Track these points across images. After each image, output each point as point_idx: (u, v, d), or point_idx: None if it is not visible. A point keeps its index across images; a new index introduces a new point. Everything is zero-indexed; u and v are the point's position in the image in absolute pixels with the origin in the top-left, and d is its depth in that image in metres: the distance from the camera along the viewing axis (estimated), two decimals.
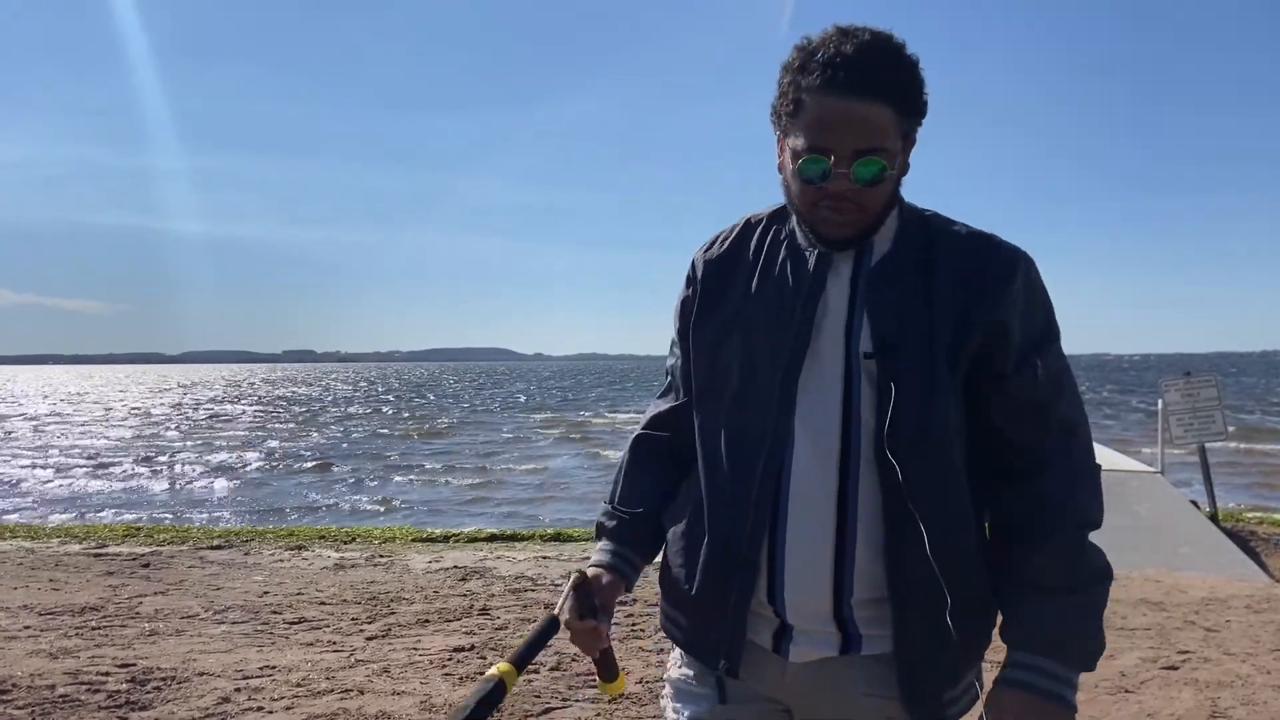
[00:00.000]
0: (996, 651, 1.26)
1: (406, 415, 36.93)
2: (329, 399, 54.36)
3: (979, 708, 1.30)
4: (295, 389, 71.41)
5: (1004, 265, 1.25)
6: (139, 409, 41.82)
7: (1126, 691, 3.88)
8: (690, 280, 1.42)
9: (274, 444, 23.90)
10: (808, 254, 1.30)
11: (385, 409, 42.05)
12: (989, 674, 1.28)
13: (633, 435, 1.54)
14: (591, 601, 1.35)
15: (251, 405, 46.01)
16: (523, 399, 52.60)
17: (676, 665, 1.43)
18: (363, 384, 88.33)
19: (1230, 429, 10.48)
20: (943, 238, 1.28)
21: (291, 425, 31.20)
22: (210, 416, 36.49)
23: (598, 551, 1.46)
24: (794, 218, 1.34)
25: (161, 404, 47.58)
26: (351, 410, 41.54)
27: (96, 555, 7.31)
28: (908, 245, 1.28)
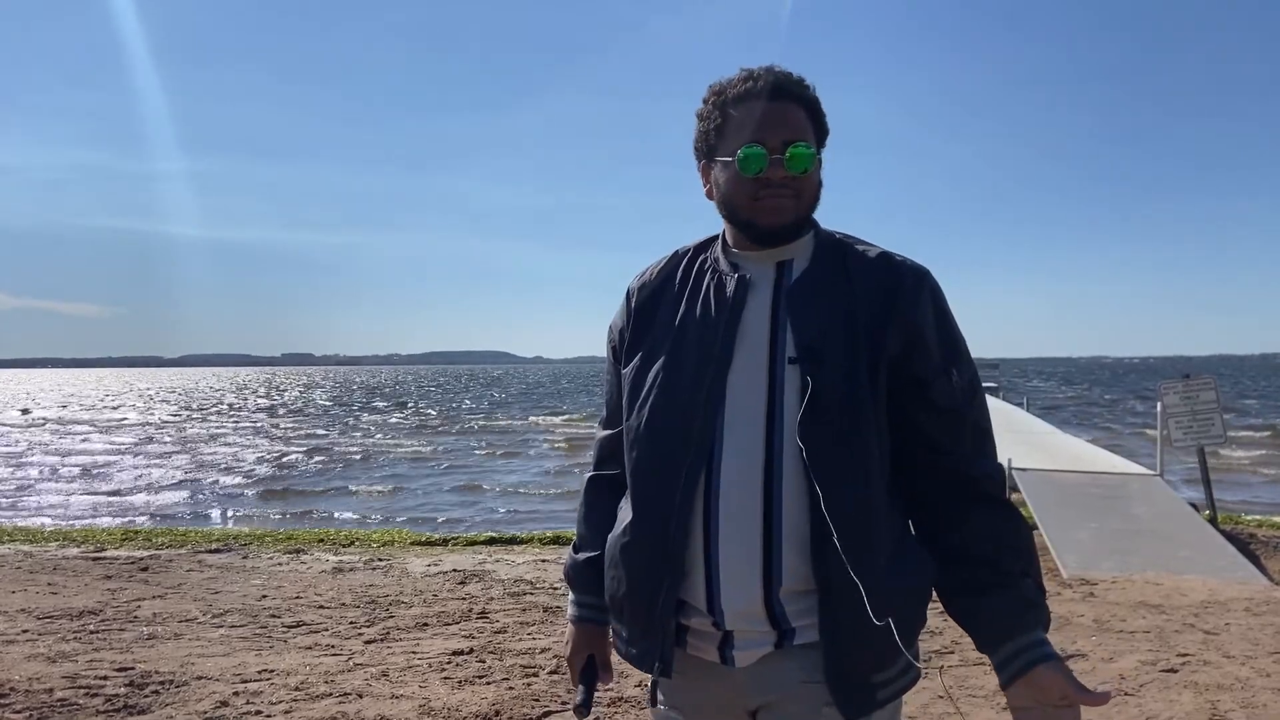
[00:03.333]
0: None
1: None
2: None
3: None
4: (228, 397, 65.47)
5: (913, 279, 1.37)
6: None
7: (1126, 694, 3.88)
8: (625, 308, 1.52)
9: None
10: (728, 279, 1.40)
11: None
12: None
13: (586, 477, 1.63)
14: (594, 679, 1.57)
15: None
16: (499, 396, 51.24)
17: (654, 689, 1.49)
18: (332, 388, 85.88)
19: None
20: (854, 254, 1.41)
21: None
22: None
23: (570, 605, 1.60)
24: (718, 246, 1.47)
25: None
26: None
27: (95, 559, 7.30)
28: (825, 261, 1.40)
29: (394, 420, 36.88)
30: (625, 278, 1.56)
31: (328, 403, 54.28)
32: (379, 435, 28.96)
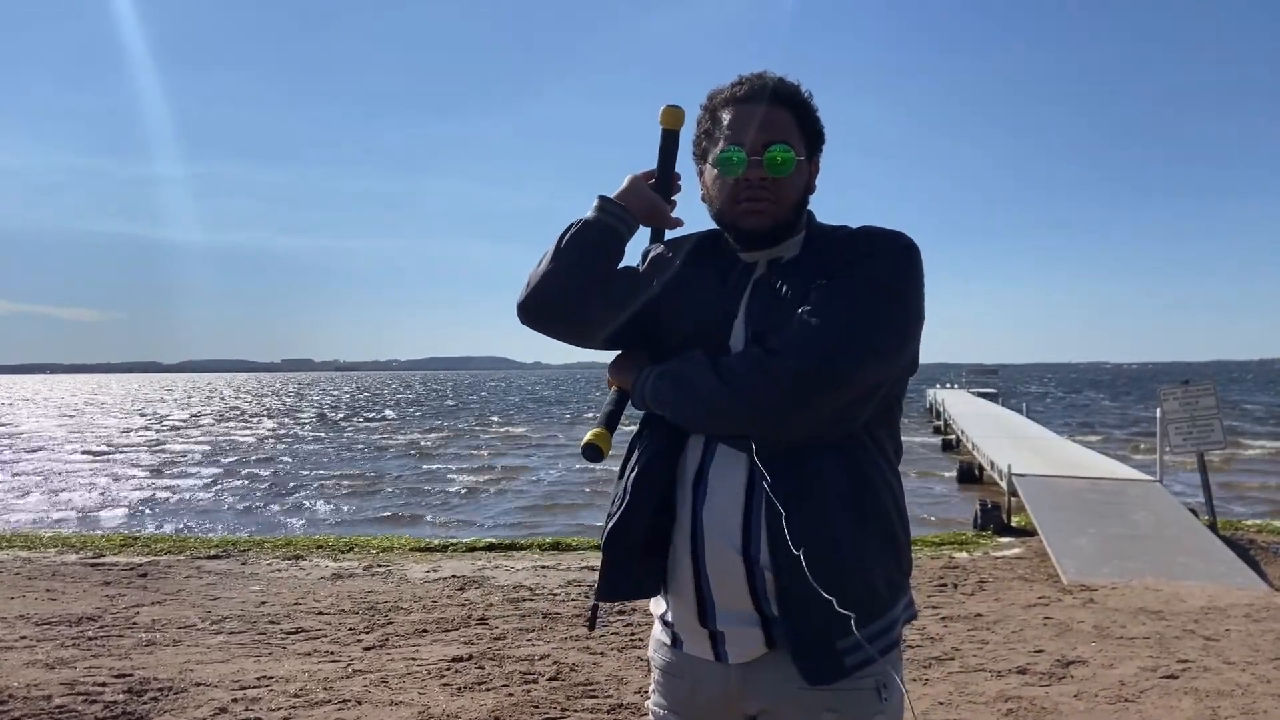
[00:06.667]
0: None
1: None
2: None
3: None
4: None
5: (872, 243, 1.36)
6: None
7: (1126, 701, 3.88)
8: (643, 258, 1.54)
9: None
10: (726, 276, 1.43)
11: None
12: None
13: None
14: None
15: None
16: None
17: (652, 692, 1.50)
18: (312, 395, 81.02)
19: None
20: (833, 240, 1.40)
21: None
22: None
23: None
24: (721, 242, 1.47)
25: None
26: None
27: (93, 565, 7.29)
28: (807, 253, 1.41)
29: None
30: None
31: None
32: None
